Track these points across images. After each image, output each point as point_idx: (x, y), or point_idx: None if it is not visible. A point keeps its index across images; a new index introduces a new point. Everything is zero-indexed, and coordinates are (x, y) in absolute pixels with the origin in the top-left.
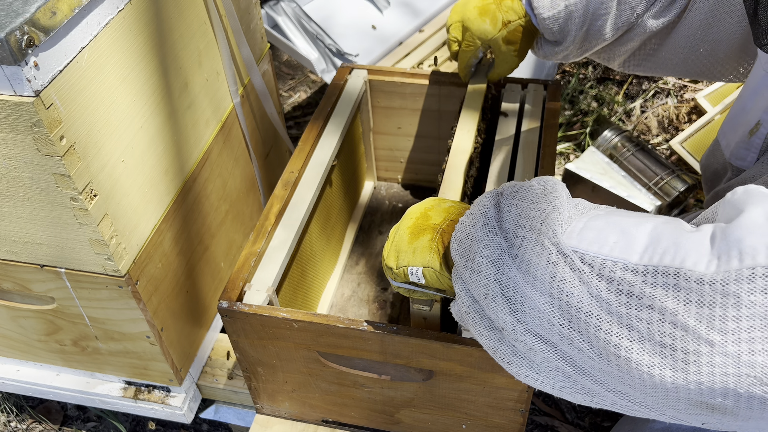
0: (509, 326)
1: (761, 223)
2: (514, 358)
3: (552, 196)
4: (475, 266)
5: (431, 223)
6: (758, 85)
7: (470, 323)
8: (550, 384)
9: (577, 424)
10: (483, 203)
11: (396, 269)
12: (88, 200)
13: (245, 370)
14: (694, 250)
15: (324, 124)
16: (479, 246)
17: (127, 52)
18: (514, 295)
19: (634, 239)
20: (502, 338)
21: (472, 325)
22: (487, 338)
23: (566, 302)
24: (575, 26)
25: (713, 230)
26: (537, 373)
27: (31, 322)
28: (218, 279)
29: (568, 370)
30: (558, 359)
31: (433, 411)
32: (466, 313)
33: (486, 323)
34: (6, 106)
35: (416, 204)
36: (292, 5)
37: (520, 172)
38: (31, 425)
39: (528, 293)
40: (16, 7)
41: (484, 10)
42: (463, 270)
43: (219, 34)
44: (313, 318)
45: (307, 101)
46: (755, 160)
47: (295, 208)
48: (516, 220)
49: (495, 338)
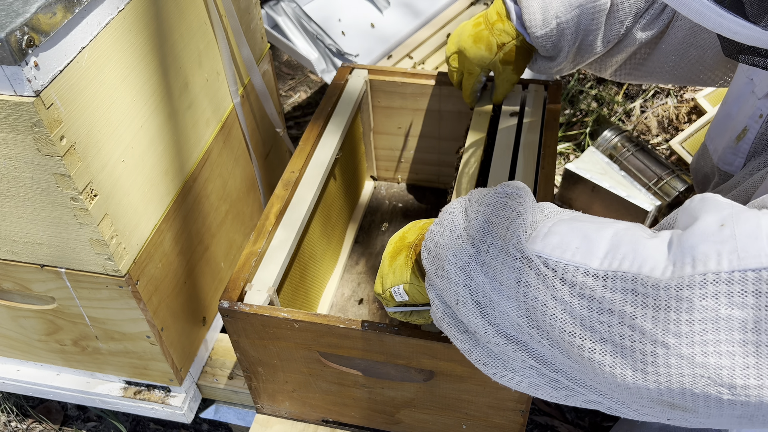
0: (481, 329)
1: (713, 231)
2: (489, 359)
3: (516, 203)
4: (445, 273)
5: (406, 243)
6: (741, 91)
7: (445, 328)
8: (525, 383)
9: (576, 424)
10: (450, 212)
11: (383, 293)
12: (89, 200)
13: (246, 369)
14: (651, 257)
15: (324, 124)
16: (448, 253)
17: (128, 52)
18: (483, 299)
19: (595, 245)
20: (476, 341)
21: (447, 330)
22: (462, 341)
23: (532, 306)
24: (568, 42)
25: (670, 237)
26: (512, 373)
27: (31, 322)
28: (218, 279)
29: (540, 368)
30: (530, 358)
31: (433, 411)
32: (441, 318)
33: (460, 327)
34: (6, 106)
35: (396, 232)
36: (293, 5)
37: (520, 172)
38: (32, 425)
39: (495, 298)
40: (16, 8)
41: (478, 38)
42: (435, 277)
43: (219, 34)
44: (313, 318)
45: (307, 101)
46: (742, 165)
47: (295, 208)
48: (482, 227)
49: (469, 341)
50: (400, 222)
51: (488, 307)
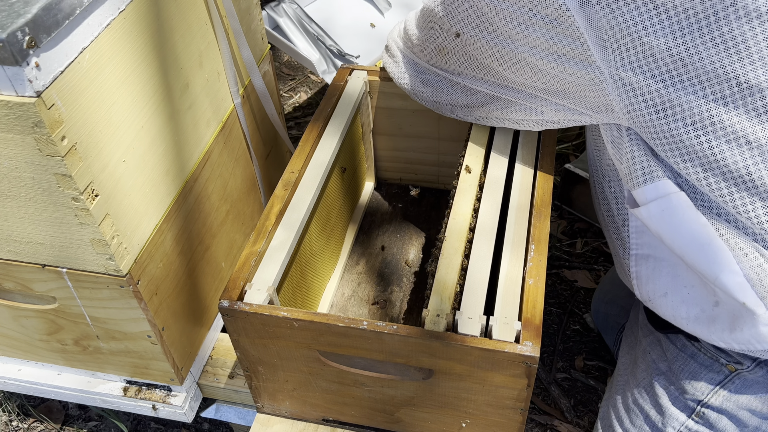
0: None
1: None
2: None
3: None
4: None
5: None
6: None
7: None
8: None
9: (576, 423)
10: None
11: None
12: (90, 200)
13: (246, 369)
14: None
15: (324, 124)
16: None
17: (129, 52)
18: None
19: None
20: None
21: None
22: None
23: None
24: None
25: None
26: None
27: (32, 321)
28: (219, 279)
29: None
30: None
31: (432, 410)
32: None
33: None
34: (7, 106)
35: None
36: (293, 6)
37: (519, 171)
38: (33, 424)
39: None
40: (17, 8)
41: None
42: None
43: (220, 35)
44: (313, 317)
45: (307, 102)
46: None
47: (295, 208)
48: None
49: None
50: (400, 223)
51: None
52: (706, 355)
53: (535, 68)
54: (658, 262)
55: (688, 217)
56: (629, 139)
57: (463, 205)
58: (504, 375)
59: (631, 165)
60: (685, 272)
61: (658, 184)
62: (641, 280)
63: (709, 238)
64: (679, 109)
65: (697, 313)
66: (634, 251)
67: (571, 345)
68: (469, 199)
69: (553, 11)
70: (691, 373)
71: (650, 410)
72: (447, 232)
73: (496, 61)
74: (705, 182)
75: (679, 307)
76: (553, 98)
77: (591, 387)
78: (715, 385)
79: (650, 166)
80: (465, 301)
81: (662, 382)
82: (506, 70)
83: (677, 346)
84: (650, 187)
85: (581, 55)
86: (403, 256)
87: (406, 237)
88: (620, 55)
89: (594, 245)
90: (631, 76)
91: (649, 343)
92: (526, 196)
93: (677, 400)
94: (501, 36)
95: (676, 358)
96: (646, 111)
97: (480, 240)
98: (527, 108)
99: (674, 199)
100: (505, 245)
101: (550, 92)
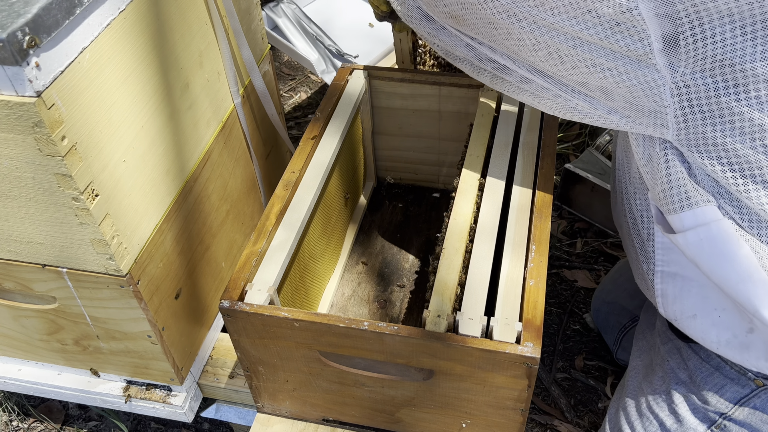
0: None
1: None
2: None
3: None
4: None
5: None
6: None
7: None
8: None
9: (576, 423)
10: None
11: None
12: (90, 200)
13: (246, 369)
14: None
15: (324, 124)
16: None
17: (129, 52)
18: None
19: None
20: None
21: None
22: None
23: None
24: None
25: None
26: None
27: (32, 321)
28: (219, 279)
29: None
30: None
31: (433, 410)
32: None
33: None
34: (8, 106)
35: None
36: (292, 7)
37: (519, 172)
38: (33, 424)
39: None
40: (17, 8)
41: None
42: None
43: (220, 35)
44: (314, 317)
45: (307, 102)
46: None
47: (295, 208)
48: None
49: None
50: (400, 222)
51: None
52: (733, 369)
53: (574, 60)
54: (687, 281)
55: (729, 247)
56: (666, 157)
57: (464, 205)
58: (505, 376)
59: (667, 187)
60: (716, 294)
61: (697, 212)
62: (667, 299)
63: (751, 270)
64: (740, 120)
65: (729, 338)
66: (659, 268)
67: (571, 345)
68: (469, 200)
69: (618, 14)
70: (715, 385)
71: (666, 418)
72: (447, 233)
73: (528, 49)
74: (756, 200)
75: (709, 330)
76: (589, 92)
77: (591, 387)
78: (741, 399)
79: (689, 191)
80: (466, 302)
81: (681, 390)
82: (538, 58)
83: (701, 356)
84: (689, 214)
85: (642, 56)
86: (403, 256)
87: (406, 237)
88: (691, 61)
89: (594, 245)
90: (699, 83)
91: (667, 351)
92: (527, 196)
93: (697, 410)
94: (538, 25)
95: (699, 369)
96: (702, 120)
97: (481, 240)
98: (554, 93)
99: (715, 228)
100: (506, 246)
101: (586, 86)
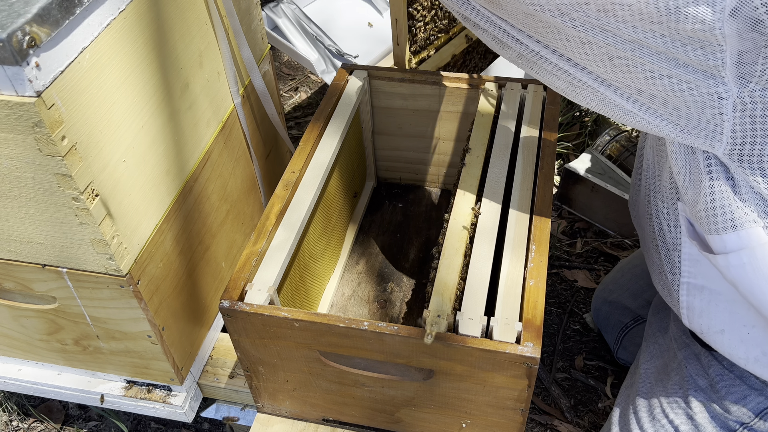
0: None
1: None
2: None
3: None
4: None
5: None
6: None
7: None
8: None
9: (576, 423)
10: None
11: None
12: (90, 200)
13: (246, 369)
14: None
15: (324, 124)
16: None
17: (129, 52)
18: None
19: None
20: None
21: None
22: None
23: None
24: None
25: None
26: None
27: (32, 321)
28: (219, 279)
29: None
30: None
31: (433, 410)
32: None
33: None
34: (8, 106)
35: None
36: (292, 7)
37: (519, 172)
38: (33, 424)
39: None
40: (17, 8)
41: None
42: None
43: (220, 35)
44: (314, 317)
45: (307, 102)
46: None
47: (295, 208)
48: None
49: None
50: (399, 222)
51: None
52: (758, 379)
53: (629, 65)
54: (714, 295)
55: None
56: (710, 174)
57: (464, 205)
58: (505, 376)
59: (710, 206)
60: (744, 310)
61: (741, 234)
62: (693, 312)
63: None
64: None
65: (758, 355)
66: (686, 279)
67: (571, 345)
68: (469, 200)
69: (698, 31)
70: (738, 395)
71: (682, 425)
72: (447, 233)
73: (576, 46)
74: None
75: (737, 346)
76: (636, 95)
77: (591, 387)
78: (763, 410)
79: (735, 210)
80: (466, 302)
81: (700, 398)
82: (585, 57)
83: (724, 365)
84: (732, 236)
85: (710, 68)
86: (403, 255)
87: (406, 237)
88: (764, 78)
89: (594, 245)
90: (767, 99)
91: (685, 357)
92: (527, 196)
93: (716, 418)
94: (594, 27)
95: (722, 378)
96: (762, 137)
97: (481, 240)
98: (593, 88)
99: (760, 252)
100: (506, 246)
101: (635, 89)
